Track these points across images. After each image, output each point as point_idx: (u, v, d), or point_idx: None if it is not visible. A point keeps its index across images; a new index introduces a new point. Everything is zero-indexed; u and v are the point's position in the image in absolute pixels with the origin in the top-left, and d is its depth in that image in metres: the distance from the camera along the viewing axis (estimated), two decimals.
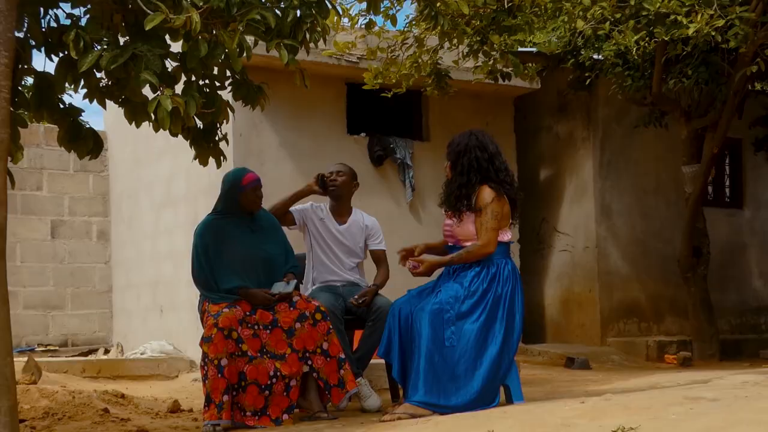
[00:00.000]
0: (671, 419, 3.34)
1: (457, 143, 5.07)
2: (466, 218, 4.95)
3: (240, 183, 5.30)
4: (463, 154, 5.01)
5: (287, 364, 5.10)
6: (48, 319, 10.85)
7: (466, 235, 4.96)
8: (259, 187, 5.35)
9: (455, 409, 4.64)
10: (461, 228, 4.97)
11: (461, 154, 5.02)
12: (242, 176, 5.33)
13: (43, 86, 4.00)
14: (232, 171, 5.52)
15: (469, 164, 4.97)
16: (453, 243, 5.05)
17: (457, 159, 5.03)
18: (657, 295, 10.43)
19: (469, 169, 4.96)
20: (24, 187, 10.62)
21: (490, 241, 4.87)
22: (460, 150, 5.03)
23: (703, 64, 8.42)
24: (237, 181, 5.32)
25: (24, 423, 5.14)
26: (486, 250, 4.87)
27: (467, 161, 4.98)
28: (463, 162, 4.99)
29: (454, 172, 5.04)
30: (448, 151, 5.12)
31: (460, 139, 5.08)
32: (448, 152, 5.12)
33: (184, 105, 3.77)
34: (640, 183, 10.45)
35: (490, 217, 4.87)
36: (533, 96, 10.39)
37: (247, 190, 5.30)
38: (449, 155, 5.10)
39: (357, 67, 8.72)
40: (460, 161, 5.01)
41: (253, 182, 5.31)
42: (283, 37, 4.00)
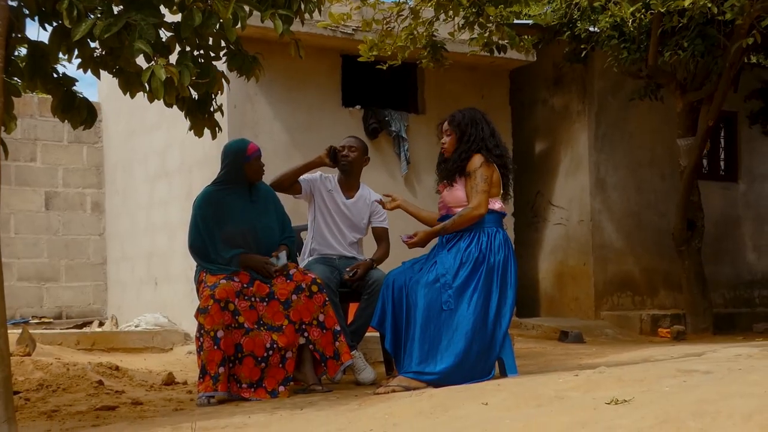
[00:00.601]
0: (664, 391, 3.35)
1: (465, 116, 5.09)
2: (457, 185, 4.99)
3: (245, 153, 5.30)
4: (473, 126, 5.03)
5: (284, 335, 5.11)
6: (42, 291, 10.85)
7: (456, 201, 4.99)
8: (260, 156, 5.36)
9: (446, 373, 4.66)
10: (451, 194, 5.02)
11: (471, 125, 5.03)
12: (246, 146, 5.33)
13: (37, 55, 3.96)
14: (233, 141, 5.52)
15: (477, 135, 5.00)
16: (445, 212, 5.08)
17: (467, 130, 5.03)
18: (651, 269, 10.46)
19: (476, 139, 4.99)
20: (18, 158, 10.58)
21: (481, 203, 4.89)
22: (468, 122, 5.05)
23: (698, 37, 8.39)
24: (241, 152, 5.31)
25: (18, 395, 5.15)
26: (478, 212, 4.89)
27: (476, 132, 5.01)
28: (471, 132, 5.01)
29: (461, 142, 5.03)
30: (454, 123, 5.09)
31: (467, 113, 5.10)
32: (454, 125, 5.09)
33: (179, 75, 3.75)
34: (635, 156, 10.45)
35: (480, 180, 4.90)
36: (529, 68, 10.35)
37: (252, 159, 5.30)
38: (457, 127, 5.07)
39: (352, 39, 8.68)
40: (470, 132, 5.02)
41: (256, 152, 5.33)
42: (278, 7, 3.97)
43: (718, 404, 2.78)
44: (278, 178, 5.76)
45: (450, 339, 4.74)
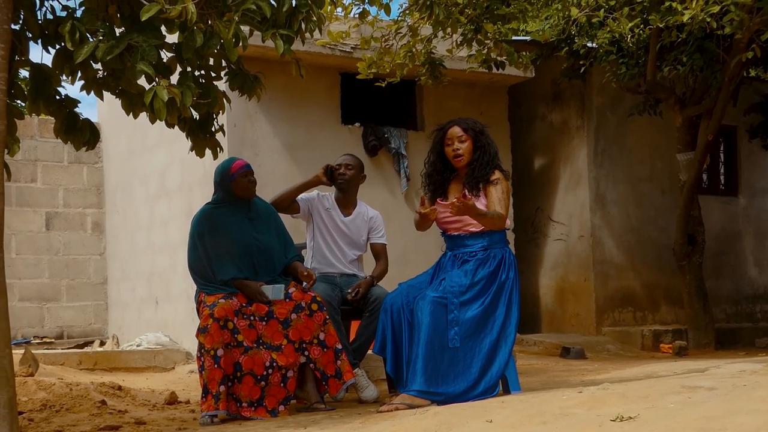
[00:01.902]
0: (669, 408, 3.34)
1: (475, 123, 5.04)
2: (481, 198, 4.91)
3: (229, 171, 5.31)
4: (486, 136, 4.99)
5: (283, 354, 5.11)
6: (43, 311, 10.83)
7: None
8: (250, 173, 5.33)
9: (453, 397, 4.64)
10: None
11: (482, 134, 4.98)
12: (230, 165, 5.33)
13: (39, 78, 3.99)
14: (221, 162, 5.52)
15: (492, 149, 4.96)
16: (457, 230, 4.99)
17: (481, 137, 4.98)
18: (652, 284, 10.45)
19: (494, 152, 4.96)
20: (18, 179, 10.59)
21: (506, 216, 4.88)
22: (481, 129, 5.00)
23: (697, 51, 8.42)
24: (226, 171, 5.32)
25: (22, 415, 5.13)
26: (503, 223, 4.88)
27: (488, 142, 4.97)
28: (487, 141, 4.97)
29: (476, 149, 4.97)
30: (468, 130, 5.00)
31: (477, 122, 5.06)
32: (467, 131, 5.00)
33: (180, 95, 3.76)
34: (634, 171, 10.46)
35: (506, 195, 4.89)
36: (527, 84, 10.38)
37: (236, 176, 5.29)
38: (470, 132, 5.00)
39: (351, 57, 8.71)
40: (484, 140, 4.97)
41: (241, 168, 5.30)
42: (279, 27, 3.99)
43: (723, 421, 2.78)
44: (276, 199, 5.77)
45: (453, 358, 4.73)
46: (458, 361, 4.73)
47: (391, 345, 4.95)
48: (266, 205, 5.57)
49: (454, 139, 5.01)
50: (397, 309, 4.94)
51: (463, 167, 5.04)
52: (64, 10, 4.03)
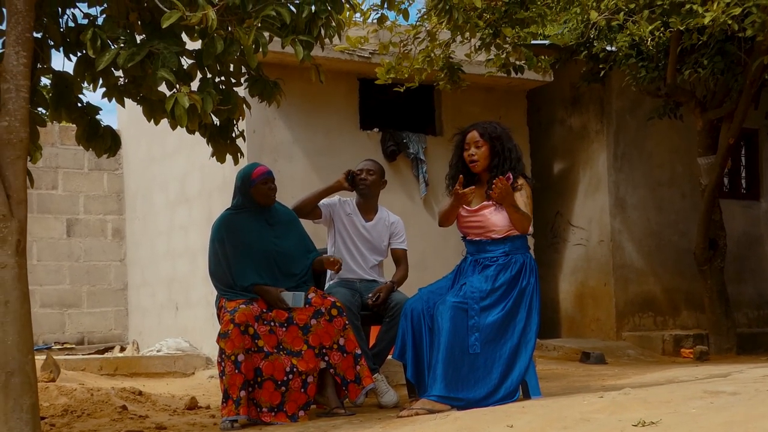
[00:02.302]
0: (692, 413, 3.33)
1: (494, 128, 5.01)
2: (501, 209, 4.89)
3: (250, 177, 5.31)
4: (506, 141, 4.96)
5: (303, 360, 5.11)
6: (64, 317, 10.90)
7: (503, 225, 4.89)
8: (270, 180, 5.33)
9: (474, 402, 4.63)
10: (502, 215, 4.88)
11: (501, 139, 4.96)
12: (252, 170, 5.33)
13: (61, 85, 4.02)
14: (243, 167, 5.54)
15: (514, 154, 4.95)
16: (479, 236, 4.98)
17: (500, 143, 4.96)
18: (673, 289, 10.39)
19: (515, 157, 4.94)
20: (40, 185, 10.66)
21: (531, 219, 4.88)
22: (499, 135, 4.97)
23: (718, 54, 8.36)
24: (247, 177, 5.33)
25: (44, 420, 5.17)
26: (529, 225, 4.88)
27: (510, 146, 4.95)
28: (508, 146, 4.95)
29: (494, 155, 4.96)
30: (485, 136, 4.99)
31: (496, 125, 5.03)
32: (483, 137, 4.99)
33: (201, 102, 3.78)
34: (654, 175, 10.41)
35: (529, 200, 4.89)
36: (546, 89, 10.36)
37: (257, 183, 5.29)
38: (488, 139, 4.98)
39: (369, 62, 8.72)
40: (504, 146, 4.94)
41: (262, 175, 5.30)
42: (298, 33, 4.00)
43: (747, 426, 2.76)
44: (298, 204, 5.78)
45: (472, 367, 4.72)
46: (479, 367, 4.73)
47: (412, 350, 4.95)
48: (287, 210, 5.58)
49: (471, 143, 5.01)
50: (417, 314, 4.94)
51: (483, 172, 5.03)
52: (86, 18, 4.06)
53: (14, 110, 3.61)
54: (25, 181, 3.74)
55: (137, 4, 3.84)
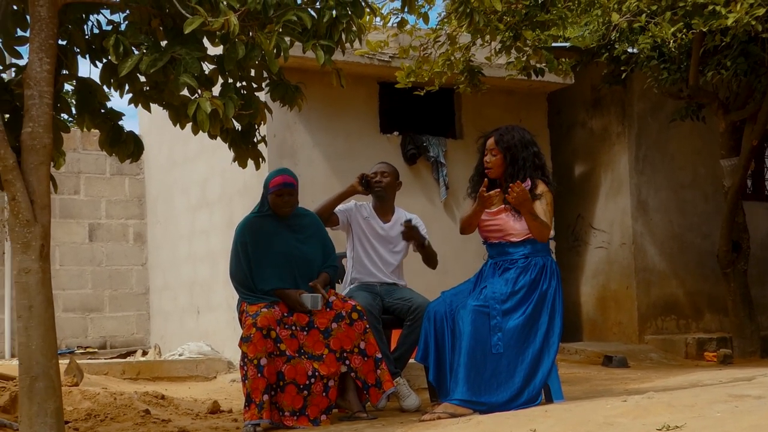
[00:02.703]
0: (716, 417, 3.31)
1: (512, 136, 5.01)
2: (519, 217, 4.89)
3: (268, 185, 5.33)
4: (522, 149, 4.96)
5: (325, 364, 5.11)
6: (87, 321, 10.96)
7: (521, 230, 4.90)
8: (286, 192, 5.25)
9: (496, 406, 4.63)
10: (520, 222, 4.89)
11: (519, 148, 4.96)
12: (271, 179, 5.32)
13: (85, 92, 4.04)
14: (272, 171, 5.51)
15: (532, 161, 4.94)
16: (498, 239, 4.99)
17: (514, 152, 4.96)
18: (695, 292, 10.32)
19: (531, 165, 4.94)
20: (62, 191, 10.74)
21: (550, 227, 4.86)
22: (515, 143, 4.97)
23: (741, 55, 8.30)
24: (266, 184, 5.35)
25: (68, 424, 5.20)
26: (548, 234, 4.87)
27: (527, 155, 4.94)
28: (523, 156, 4.95)
29: (508, 164, 4.96)
30: (500, 144, 5.02)
31: (515, 133, 5.02)
32: (498, 146, 5.03)
33: (223, 107, 3.79)
34: (676, 177, 10.35)
35: (550, 207, 4.88)
36: (567, 91, 10.33)
37: (272, 192, 5.28)
38: (502, 149, 5.01)
39: (389, 66, 8.72)
40: (521, 155, 4.95)
41: (276, 186, 5.25)
42: (320, 38, 4.01)
43: None
44: (314, 211, 5.77)
45: (496, 368, 4.71)
46: (501, 371, 4.72)
47: (434, 353, 4.95)
48: (311, 215, 5.57)
49: (488, 150, 5.05)
50: (440, 317, 4.94)
51: (500, 178, 5.03)
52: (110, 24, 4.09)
53: (38, 116, 3.64)
54: (49, 187, 3.76)
55: (159, 10, 3.85)
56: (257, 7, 3.77)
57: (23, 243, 3.66)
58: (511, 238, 4.94)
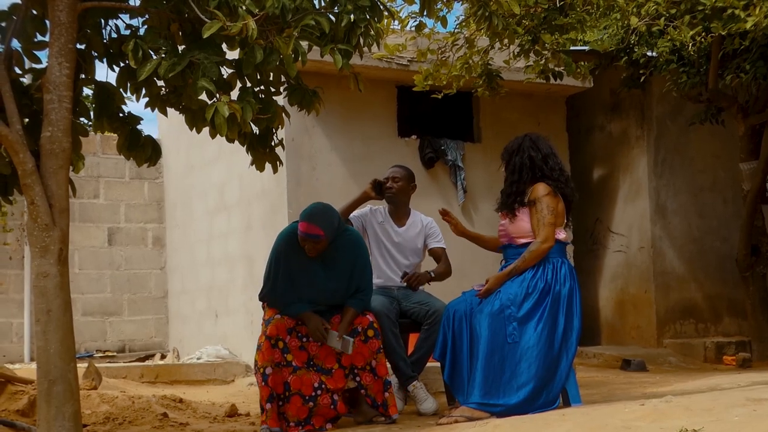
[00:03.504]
0: (735, 421, 3.29)
1: (511, 144, 5.13)
2: (519, 215, 4.95)
3: (297, 227, 5.07)
4: (516, 154, 5.06)
5: (333, 378, 5.08)
6: (106, 325, 11.01)
7: (519, 232, 4.95)
8: (309, 241, 4.98)
9: (513, 408, 4.62)
10: (515, 225, 4.98)
11: (514, 153, 5.07)
12: (302, 217, 5.04)
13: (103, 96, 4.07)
14: (303, 210, 5.14)
15: (521, 163, 5.01)
16: (506, 242, 5.05)
17: (510, 158, 5.08)
18: (714, 295, 10.27)
19: (521, 167, 4.99)
20: (81, 195, 10.80)
21: (548, 236, 4.85)
22: (513, 150, 5.09)
23: (761, 59, 8.25)
24: (296, 224, 5.11)
25: (86, 428, 5.23)
26: (547, 245, 4.85)
27: (519, 160, 5.02)
28: (515, 161, 5.03)
29: (507, 171, 5.07)
30: (503, 152, 5.17)
31: (515, 141, 5.14)
32: (502, 153, 5.17)
33: (241, 111, 3.81)
34: (696, 181, 10.30)
35: (547, 212, 4.86)
36: (586, 95, 10.30)
37: (300, 237, 5.06)
38: (503, 155, 5.15)
39: (407, 70, 8.73)
40: (513, 160, 5.05)
41: (301, 233, 4.99)
42: (338, 42, 4.01)
43: None
44: None
45: (514, 371, 4.70)
46: (520, 373, 4.70)
47: (450, 353, 4.96)
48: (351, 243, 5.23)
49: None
50: (458, 317, 4.97)
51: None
52: (128, 28, 4.12)
53: (57, 120, 3.66)
54: (68, 191, 3.79)
55: (178, 15, 3.88)
56: (275, 11, 3.78)
57: (42, 247, 3.69)
58: (516, 240, 4.99)
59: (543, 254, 4.86)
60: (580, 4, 6.94)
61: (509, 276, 4.90)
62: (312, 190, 8.66)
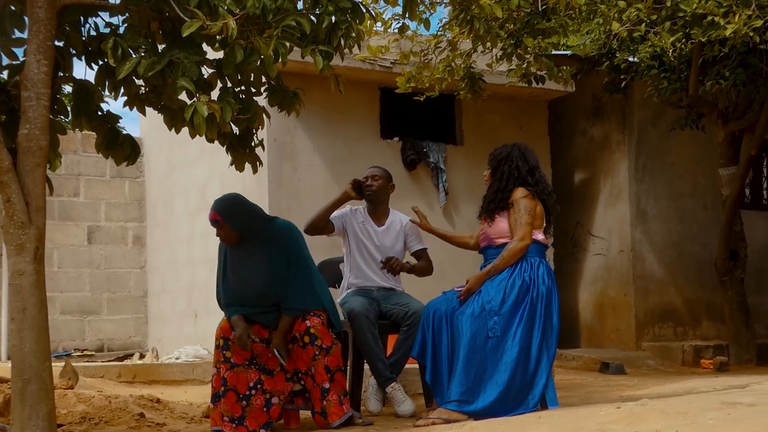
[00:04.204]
0: (709, 424, 3.31)
1: (500, 152, 5.15)
2: (498, 218, 4.98)
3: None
4: (505, 162, 5.07)
5: (272, 380, 5.05)
6: (84, 324, 10.96)
7: (498, 233, 4.98)
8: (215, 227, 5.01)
9: (492, 406, 4.62)
10: (494, 227, 5.00)
11: (503, 161, 5.08)
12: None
13: (82, 94, 4.05)
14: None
15: (510, 172, 5.02)
16: (486, 244, 5.07)
17: (499, 166, 5.09)
18: (693, 300, 10.33)
19: (509, 176, 5.01)
20: (61, 193, 10.75)
21: (525, 235, 4.88)
22: (502, 157, 5.10)
23: (740, 66, 8.32)
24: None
25: (62, 428, 5.19)
26: (523, 243, 4.87)
27: (508, 169, 5.04)
28: (503, 169, 5.04)
29: (494, 178, 5.08)
30: (490, 158, 5.18)
31: (504, 149, 5.16)
32: (489, 160, 5.18)
33: (220, 111, 3.80)
34: (676, 186, 10.37)
35: (524, 212, 4.89)
36: (568, 99, 10.34)
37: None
38: (491, 162, 5.14)
39: (390, 72, 8.74)
40: (501, 168, 5.06)
41: (211, 222, 5.04)
42: (318, 43, 4.01)
43: None
44: (311, 223, 5.76)
45: (494, 370, 4.71)
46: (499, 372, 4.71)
47: (431, 352, 4.96)
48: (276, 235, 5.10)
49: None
50: (439, 316, 4.98)
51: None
52: (108, 26, 4.10)
53: (34, 118, 3.64)
54: (44, 189, 3.77)
55: (159, 13, 3.86)
56: (256, 11, 3.78)
57: (17, 245, 3.67)
58: (495, 240, 5.02)
59: (520, 252, 4.88)
60: (563, 9, 6.95)
61: (488, 275, 4.92)
62: (293, 190, 8.66)
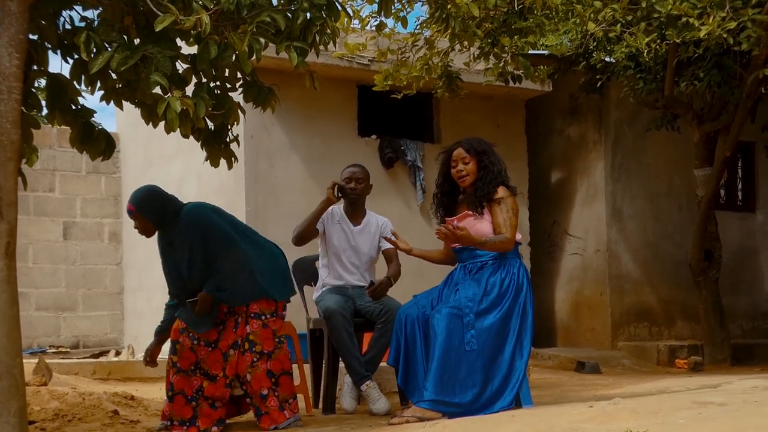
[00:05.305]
0: (679, 424, 3.33)
1: (478, 143, 5.05)
2: (481, 217, 4.93)
3: None
4: (486, 155, 5.00)
5: (213, 386, 5.02)
6: (60, 320, 10.89)
7: (485, 232, 4.93)
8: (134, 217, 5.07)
9: (467, 406, 4.62)
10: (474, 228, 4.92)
11: (484, 154, 5.00)
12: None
13: (56, 88, 4.02)
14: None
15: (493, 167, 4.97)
16: (461, 246, 5.02)
17: (479, 157, 5.00)
18: (668, 299, 10.40)
19: (492, 169, 4.96)
20: (36, 188, 10.68)
21: (513, 237, 4.88)
22: (482, 150, 5.01)
23: (715, 67, 8.39)
24: None
25: (34, 425, 5.15)
26: (510, 245, 4.88)
27: (489, 162, 4.98)
28: (485, 161, 4.98)
29: (480, 169, 4.99)
30: (471, 151, 5.04)
31: (482, 141, 5.07)
32: (470, 153, 5.04)
33: (194, 107, 3.78)
34: (651, 186, 10.43)
35: (512, 213, 4.89)
36: (544, 98, 10.38)
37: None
38: (470, 151, 5.04)
39: (368, 69, 8.74)
40: (483, 160, 4.99)
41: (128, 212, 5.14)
42: (293, 40, 3.99)
43: None
44: (298, 235, 5.75)
45: (469, 369, 4.71)
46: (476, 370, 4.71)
47: (403, 357, 4.95)
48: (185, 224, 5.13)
49: (458, 160, 5.06)
50: (411, 321, 4.94)
51: (470, 187, 5.06)
52: (83, 20, 4.07)
53: (6, 112, 3.61)
54: (16, 184, 3.73)
55: (133, 7, 3.84)
56: (230, 7, 3.76)
57: None
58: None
59: (504, 249, 4.88)
60: (539, 8, 6.97)
61: (477, 244, 4.85)
62: (270, 187, 8.63)
